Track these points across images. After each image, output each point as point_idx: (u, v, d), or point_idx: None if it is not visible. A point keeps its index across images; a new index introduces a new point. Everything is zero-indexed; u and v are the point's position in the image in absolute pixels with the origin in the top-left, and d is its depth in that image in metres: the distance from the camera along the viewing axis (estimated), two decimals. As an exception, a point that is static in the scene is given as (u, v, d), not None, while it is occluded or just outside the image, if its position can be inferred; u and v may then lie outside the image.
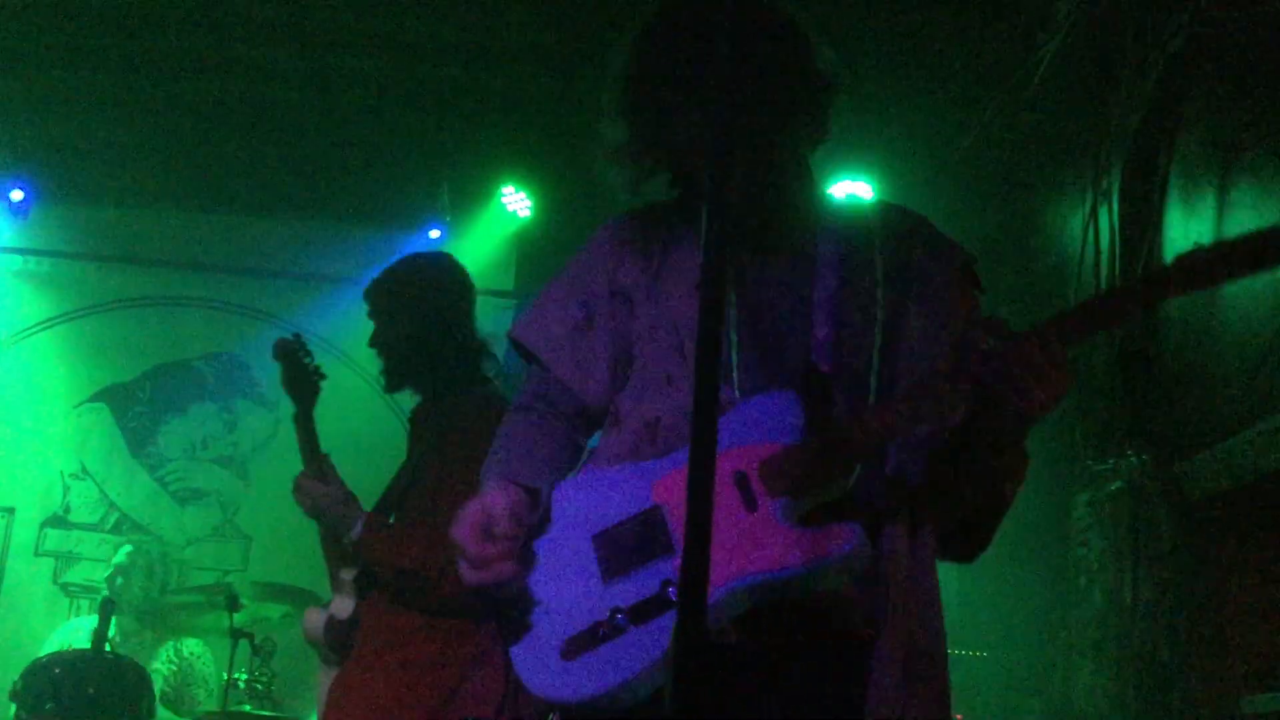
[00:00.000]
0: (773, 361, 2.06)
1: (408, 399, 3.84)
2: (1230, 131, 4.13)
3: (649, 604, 1.89)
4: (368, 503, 3.63)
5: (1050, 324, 1.84)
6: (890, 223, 2.17)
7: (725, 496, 1.92)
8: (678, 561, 1.81)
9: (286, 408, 7.13)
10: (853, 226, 2.16)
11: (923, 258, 2.13)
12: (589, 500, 2.06)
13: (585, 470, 2.17)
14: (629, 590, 1.92)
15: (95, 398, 7.33)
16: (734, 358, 2.04)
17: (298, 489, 3.59)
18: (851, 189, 6.35)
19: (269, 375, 7.40)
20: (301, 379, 3.78)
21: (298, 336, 3.83)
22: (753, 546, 1.88)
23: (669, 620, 1.85)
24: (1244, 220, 3.99)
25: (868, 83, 5.87)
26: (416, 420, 3.68)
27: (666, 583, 1.89)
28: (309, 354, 3.82)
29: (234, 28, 5.98)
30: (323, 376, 3.81)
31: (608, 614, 1.91)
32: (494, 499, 2.01)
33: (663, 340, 2.11)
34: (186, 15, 5.90)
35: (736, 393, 2.02)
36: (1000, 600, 5.06)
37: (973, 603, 5.00)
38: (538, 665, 1.93)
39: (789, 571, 1.84)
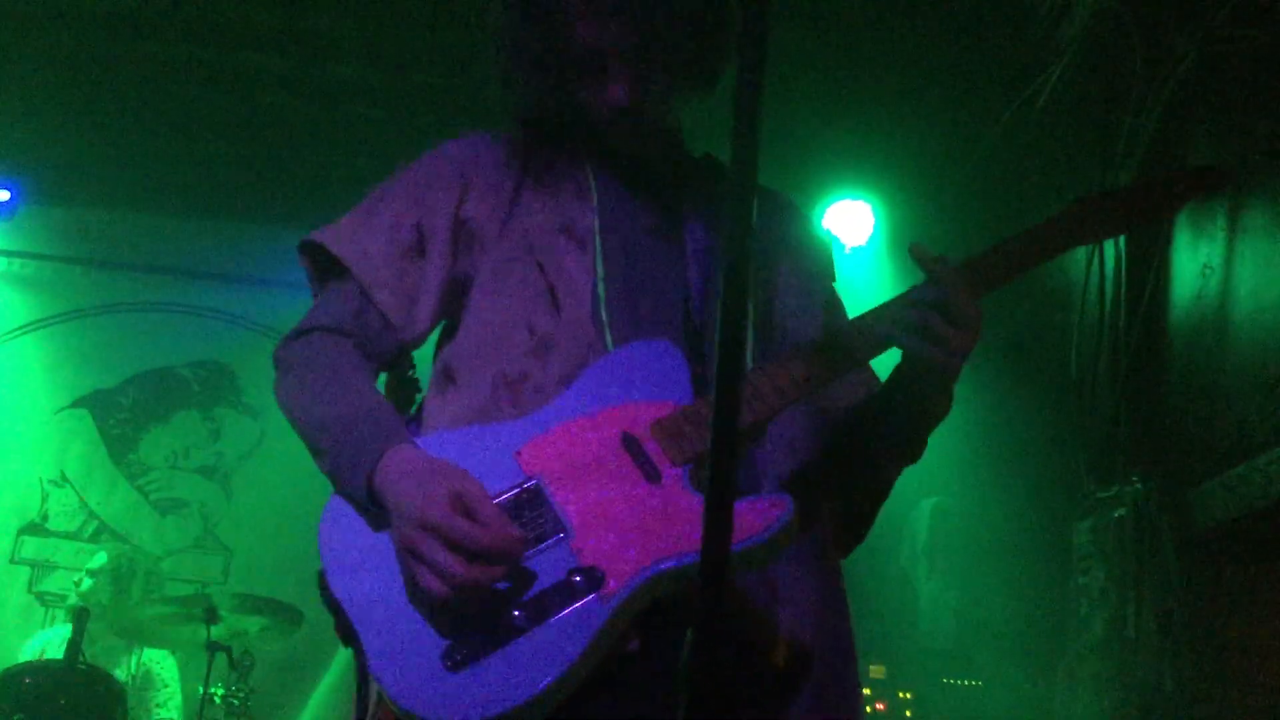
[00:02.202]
0: (645, 312, 1.85)
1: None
2: (1242, 152, 4.05)
3: (550, 597, 1.60)
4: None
5: (965, 264, 1.80)
6: (761, 193, 2.08)
7: (617, 465, 1.70)
8: (579, 543, 1.64)
9: (271, 417, 7.14)
10: (717, 185, 2.06)
11: (793, 239, 2.05)
12: None
13: (423, 435, 1.83)
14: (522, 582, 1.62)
15: (77, 404, 7.20)
16: (603, 313, 1.83)
17: None
18: (850, 208, 6.28)
19: (255, 384, 7.34)
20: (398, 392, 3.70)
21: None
22: (666, 525, 1.63)
23: (580, 614, 1.58)
24: (1256, 244, 3.91)
25: (869, 101, 5.80)
26: None
27: (573, 572, 1.61)
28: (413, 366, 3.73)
29: (227, 33, 5.89)
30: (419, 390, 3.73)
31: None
32: (466, 479, 1.63)
33: (520, 288, 1.86)
34: (179, 20, 5.82)
35: (609, 345, 1.82)
36: (997, 628, 4.95)
37: (968, 630, 4.90)
38: (414, 679, 1.55)
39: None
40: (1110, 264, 4.80)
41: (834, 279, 2.10)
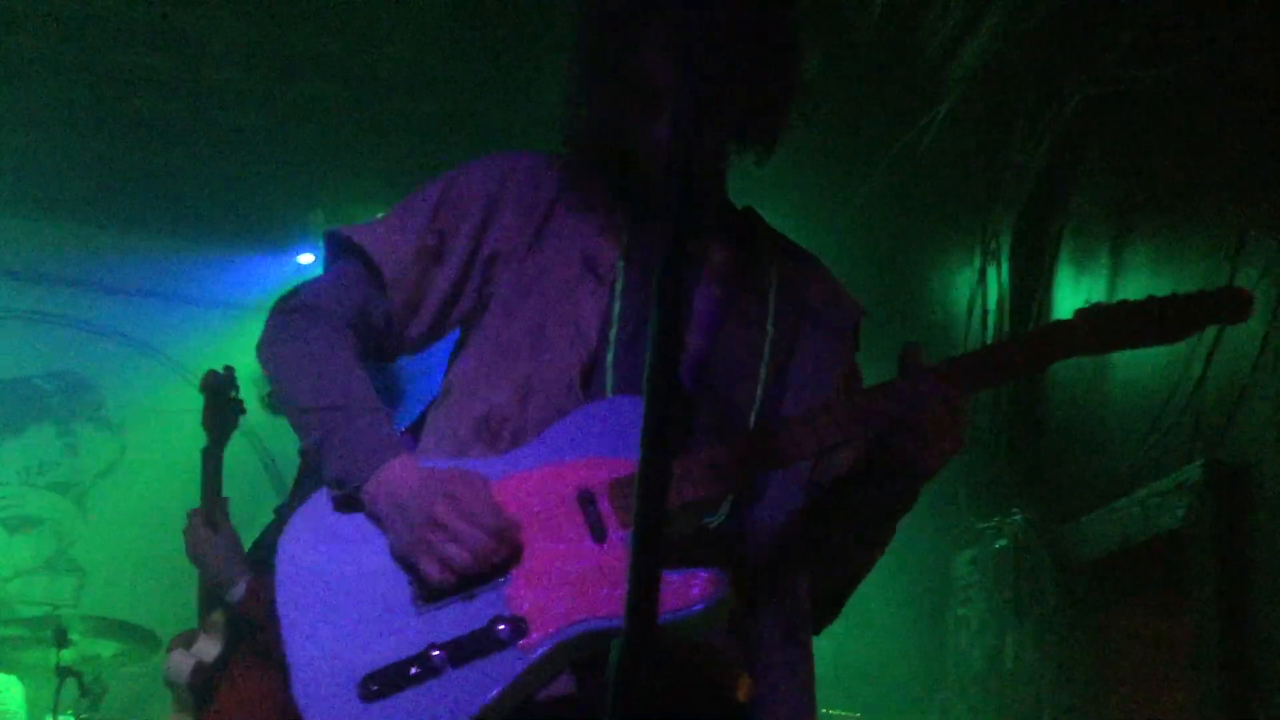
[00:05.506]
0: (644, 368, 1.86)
1: (277, 438, 3.61)
2: (1125, 193, 4.15)
3: (472, 641, 1.62)
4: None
5: (950, 366, 1.79)
6: (787, 255, 2.04)
7: (568, 520, 1.70)
8: (510, 590, 1.65)
9: (132, 433, 6.86)
10: (749, 243, 2.01)
11: (817, 302, 2.01)
12: None
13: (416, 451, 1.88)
14: (449, 622, 1.65)
15: (-79, 414, 6.82)
16: (609, 356, 1.82)
17: (187, 529, 3.36)
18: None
19: (116, 397, 7.03)
20: (223, 413, 3.56)
21: (229, 370, 3.60)
22: (600, 585, 1.64)
23: (496, 664, 1.61)
24: (1138, 282, 3.99)
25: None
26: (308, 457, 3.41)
27: (497, 619, 1.63)
28: (236, 387, 3.59)
29: (100, 32, 5.66)
30: (243, 411, 3.59)
31: (422, 650, 1.62)
32: (457, 481, 1.71)
33: (526, 318, 1.85)
34: (49, 16, 5.57)
35: (609, 392, 1.81)
36: (876, 658, 4.96)
37: (847, 660, 4.89)
38: (327, 703, 1.61)
39: None
40: (993, 299, 4.86)
41: (855, 349, 2.06)
